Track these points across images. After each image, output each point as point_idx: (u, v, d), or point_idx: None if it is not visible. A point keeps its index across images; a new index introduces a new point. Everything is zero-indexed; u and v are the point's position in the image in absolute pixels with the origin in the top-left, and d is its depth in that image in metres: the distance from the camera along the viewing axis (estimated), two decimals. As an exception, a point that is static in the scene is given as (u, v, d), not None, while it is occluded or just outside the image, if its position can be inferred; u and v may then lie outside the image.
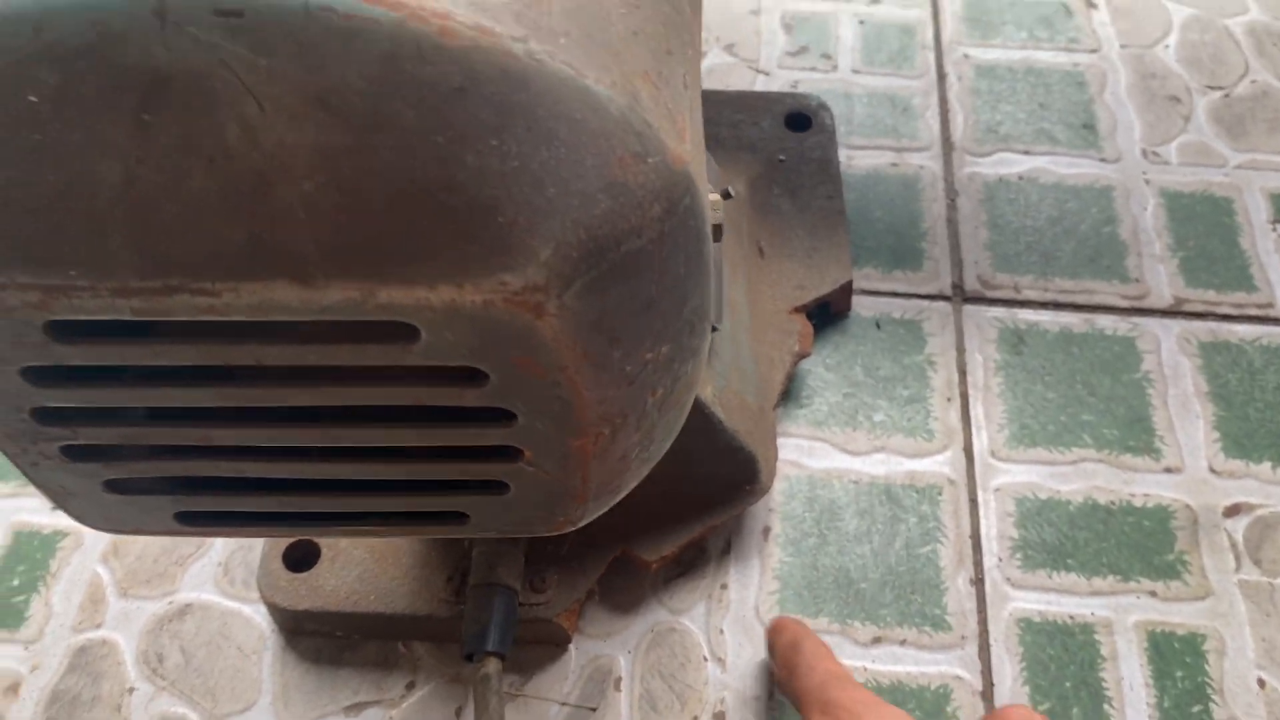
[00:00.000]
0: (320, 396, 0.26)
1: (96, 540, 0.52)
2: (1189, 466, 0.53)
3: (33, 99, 0.22)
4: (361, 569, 0.48)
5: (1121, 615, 0.49)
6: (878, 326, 0.58)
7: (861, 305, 0.59)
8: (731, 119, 0.62)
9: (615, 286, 0.25)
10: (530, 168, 0.23)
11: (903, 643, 0.48)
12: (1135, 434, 0.54)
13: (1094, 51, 0.71)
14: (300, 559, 0.48)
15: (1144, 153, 0.65)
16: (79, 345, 0.25)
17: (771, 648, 0.44)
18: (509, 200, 0.23)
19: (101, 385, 0.26)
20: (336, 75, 0.22)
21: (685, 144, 0.25)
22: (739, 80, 0.70)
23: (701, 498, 0.49)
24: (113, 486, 0.29)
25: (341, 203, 0.22)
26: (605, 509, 0.32)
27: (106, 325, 0.24)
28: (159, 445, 0.28)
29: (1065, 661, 0.48)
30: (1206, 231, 0.62)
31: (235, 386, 0.26)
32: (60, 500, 0.30)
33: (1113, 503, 0.52)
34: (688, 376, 0.30)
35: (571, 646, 0.48)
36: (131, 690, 0.48)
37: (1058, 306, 0.59)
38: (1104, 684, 0.47)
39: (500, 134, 0.22)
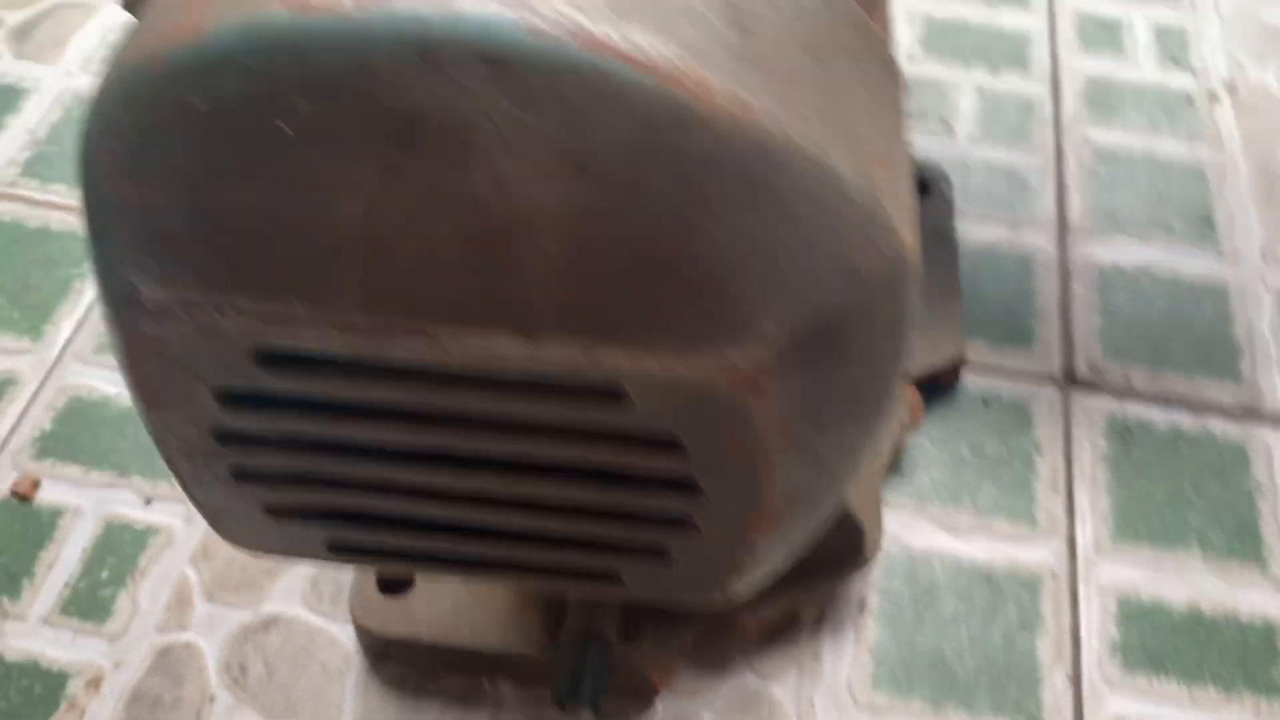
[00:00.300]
0: (512, 447, 0.26)
1: (187, 540, 0.52)
2: (1298, 583, 0.52)
3: (283, 126, 0.22)
4: (455, 600, 0.47)
5: (1222, 731, 0.47)
6: (985, 405, 0.58)
7: (969, 380, 0.58)
8: (852, 179, 0.61)
9: (831, 369, 0.24)
10: (771, 246, 0.22)
11: (995, 734, 0.47)
12: (1243, 543, 0.53)
13: (1216, 146, 0.70)
14: (394, 582, 0.47)
15: (1263, 254, 0.64)
16: (283, 374, 0.24)
17: None
18: (745, 276, 0.22)
19: (293, 414, 0.25)
20: (595, 137, 0.21)
21: (910, 230, 0.25)
22: (855, 139, 0.69)
23: (805, 564, 0.48)
24: (272, 511, 0.29)
25: (580, 262, 0.22)
26: (757, 584, 0.31)
27: (316, 357, 0.24)
28: (331, 476, 0.27)
29: (1162, 773, 0.46)
30: (1325, 341, 0.61)
31: (429, 429, 0.25)
32: (214, 518, 0.30)
33: (1217, 612, 0.51)
34: (864, 458, 0.29)
35: (657, 700, 0.48)
36: (212, 699, 0.47)
37: (1168, 403, 0.58)
38: (1202, 801, 0.46)
39: (747, 210, 0.22)
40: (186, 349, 0.24)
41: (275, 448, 0.27)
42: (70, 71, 0.71)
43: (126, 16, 0.26)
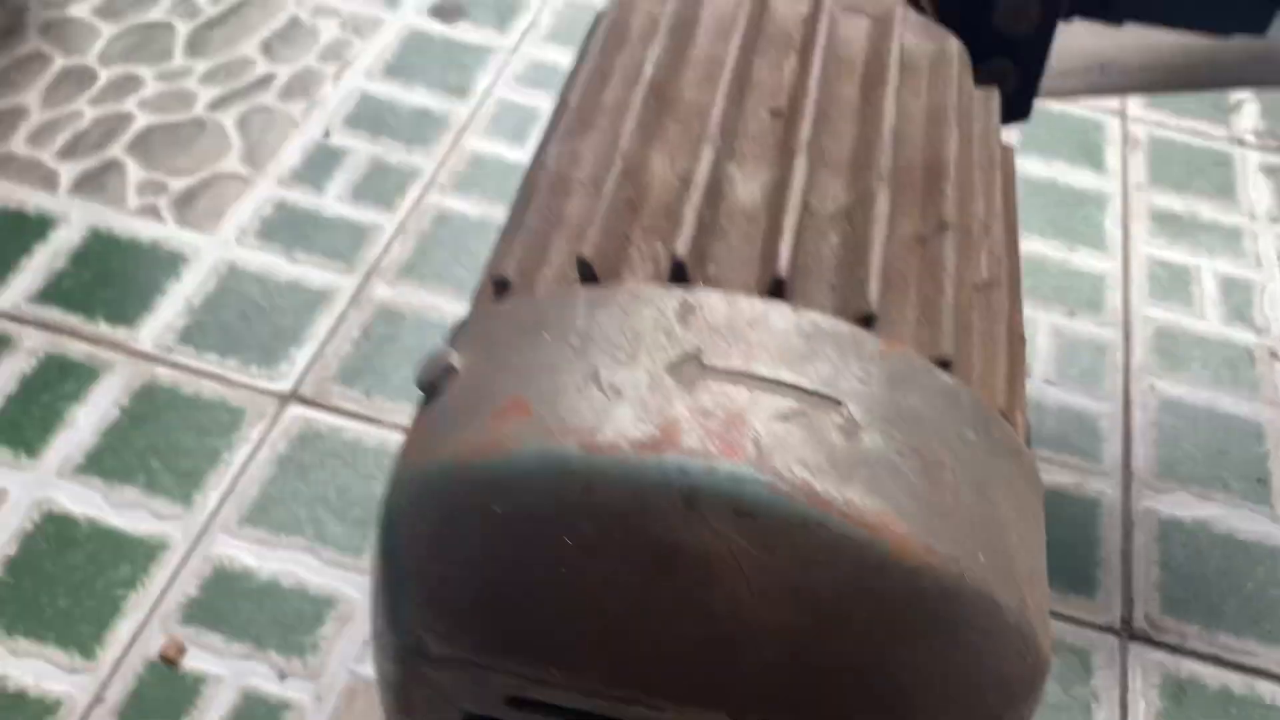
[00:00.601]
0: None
1: (316, 715, 0.56)
2: None
3: (567, 540, 0.27)
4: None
5: None
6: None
7: (1035, 625, 0.63)
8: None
9: (979, 756, 0.29)
10: (944, 665, 0.28)
11: None
12: (1285, 813, 0.57)
13: (1273, 404, 0.75)
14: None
15: (1315, 521, 0.69)
16: (525, 713, 0.29)
17: None
18: (921, 689, 0.28)
19: (521, 737, 0.31)
20: (815, 574, 0.27)
21: (1047, 639, 0.30)
22: (938, 370, 0.75)
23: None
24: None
25: (789, 670, 0.27)
26: None
27: (556, 707, 0.29)
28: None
29: None
30: (1370, 616, 0.65)
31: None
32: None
33: None
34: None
35: None
36: None
37: (1220, 663, 0.62)
38: None
39: (929, 637, 0.27)
40: (453, 688, 0.29)
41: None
42: (226, 242, 0.78)
43: (418, 392, 0.32)
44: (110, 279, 0.75)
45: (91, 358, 0.70)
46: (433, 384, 0.31)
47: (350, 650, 0.58)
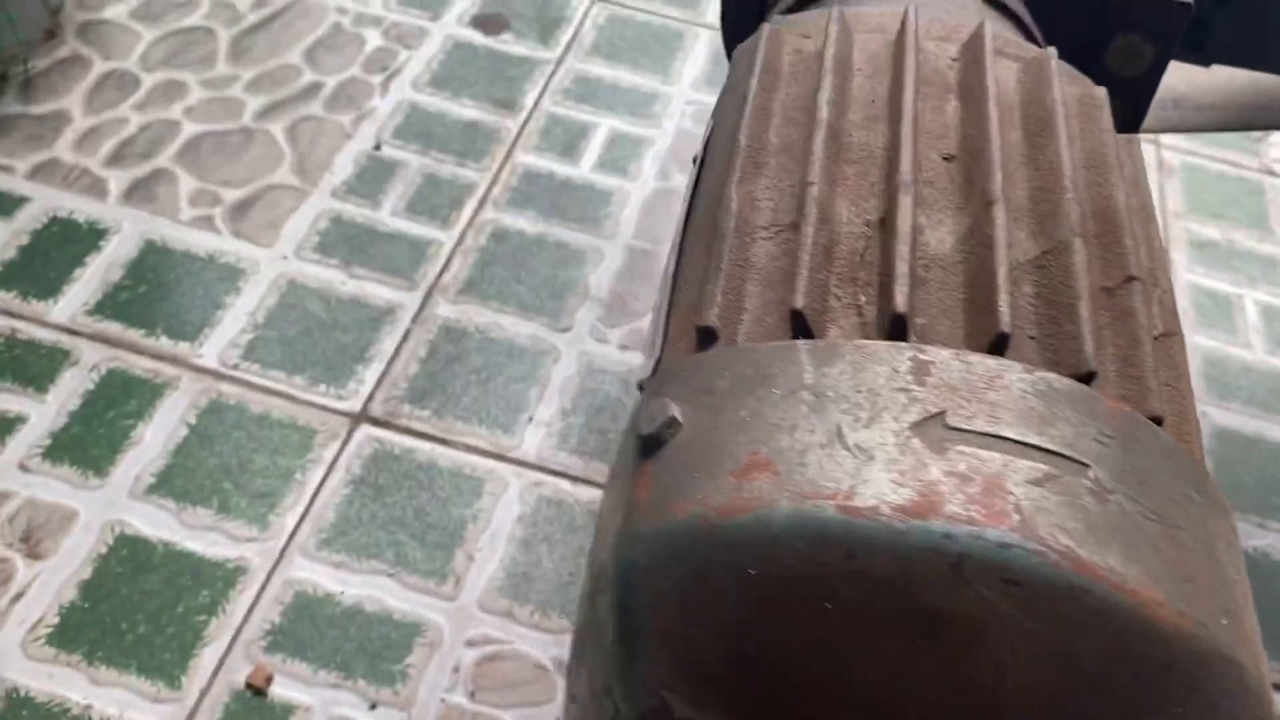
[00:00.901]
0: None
1: (407, 748, 0.56)
2: None
3: (827, 605, 0.27)
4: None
5: None
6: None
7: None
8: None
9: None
10: (1196, 731, 0.28)
11: None
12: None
13: (1323, 435, 0.77)
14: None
15: (1371, 551, 0.70)
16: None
17: None
18: (1173, 754, 0.28)
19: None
20: (1078, 641, 0.27)
21: (1271, 696, 0.30)
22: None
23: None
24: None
25: (1048, 735, 0.27)
26: None
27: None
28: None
29: None
30: None
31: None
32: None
33: None
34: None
35: None
36: None
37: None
38: None
39: (1183, 703, 0.27)
40: (691, 749, 0.29)
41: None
42: (285, 256, 0.76)
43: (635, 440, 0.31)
44: (168, 292, 0.73)
45: (154, 373, 0.69)
46: (655, 437, 0.31)
47: (440, 679, 0.58)
